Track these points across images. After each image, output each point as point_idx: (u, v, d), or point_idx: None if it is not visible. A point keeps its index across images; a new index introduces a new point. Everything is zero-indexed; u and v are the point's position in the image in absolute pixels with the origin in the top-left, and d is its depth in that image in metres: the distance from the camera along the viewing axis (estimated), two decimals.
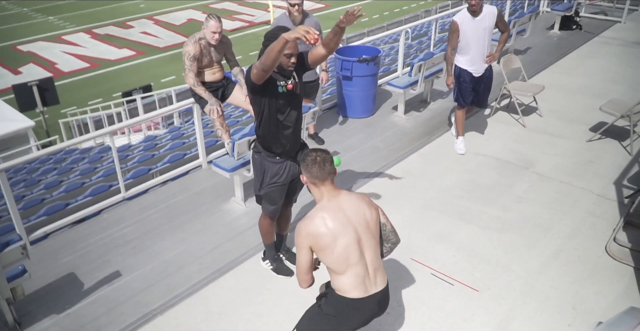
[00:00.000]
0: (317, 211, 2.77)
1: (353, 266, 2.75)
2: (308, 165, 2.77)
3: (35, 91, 12.49)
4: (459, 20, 5.47)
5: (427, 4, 28.01)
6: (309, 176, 2.79)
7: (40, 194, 7.15)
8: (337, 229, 2.70)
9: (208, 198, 5.28)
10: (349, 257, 2.73)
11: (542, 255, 4.30)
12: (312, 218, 2.74)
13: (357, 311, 2.85)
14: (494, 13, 5.49)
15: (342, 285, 2.80)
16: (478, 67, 5.63)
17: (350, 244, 2.72)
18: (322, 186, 2.80)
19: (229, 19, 25.53)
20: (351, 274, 2.76)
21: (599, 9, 11.63)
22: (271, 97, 3.46)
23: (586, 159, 5.73)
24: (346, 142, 6.29)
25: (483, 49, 5.55)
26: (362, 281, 2.78)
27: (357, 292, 2.78)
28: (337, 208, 2.76)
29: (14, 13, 29.20)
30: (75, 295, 4.06)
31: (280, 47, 3.02)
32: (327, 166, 2.77)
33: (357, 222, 2.77)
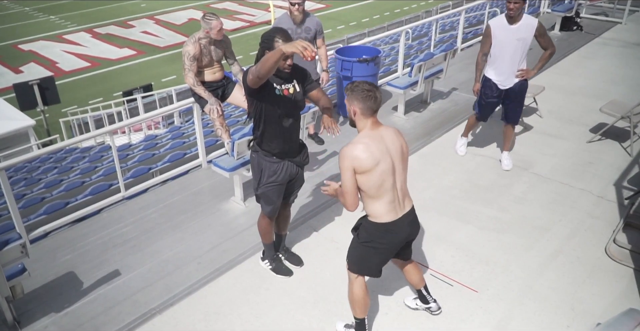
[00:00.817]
0: (361, 137, 3.01)
1: (387, 192, 3.04)
2: (364, 98, 2.96)
3: (36, 90, 12.53)
4: (493, 25, 5.10)
5: (427, 4, 28.01)
6: (362, 107, 2.98)
7: (41, 193, 7.17)
8: (378, 155, 2.96)
9: (207, 198, 5.28)
10: (385, 182, 3.01)
11: (541, 256, 4.31)
12: (357, 143, 2.98)
13: (391, 233, 3.16)
14: (533, 25, 4.99)
15: (375, 210, 3.10)
16: (506, 79, 5.19)
17: (386, 170, 3.00)
18: (370, 117, 3.02)
19: (229, 19, 25.56)
20: (384, 200, 3.06)
21: (600, 10, 11.64)
22: (267, 99, 3.47)
23: (586, 160, 5.73)
24: (346, 142, 6.23)
25: (514, 62, 5.09)
26: (393, 207, 3.10)
27: (388, 216, 3.10)
28: (378, 136, 3.03)
29: (16, 12, 29.23)
30: (74, 294, 4.07)
31: (276, 59, 3.04)
32: (379, 99, 3.00)
33: (393, 151, 3.05)
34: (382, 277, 3.48)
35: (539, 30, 5.00)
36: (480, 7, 14.88)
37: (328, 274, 4.17)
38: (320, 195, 5.20)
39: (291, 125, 3.63)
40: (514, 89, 5.22)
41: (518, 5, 4.86)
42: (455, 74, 8.15)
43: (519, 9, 4.89)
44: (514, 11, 4.89)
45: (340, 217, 4.88)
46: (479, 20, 14.82)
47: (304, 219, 4.85)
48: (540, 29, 5.00)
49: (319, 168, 5.70)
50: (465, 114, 6.91)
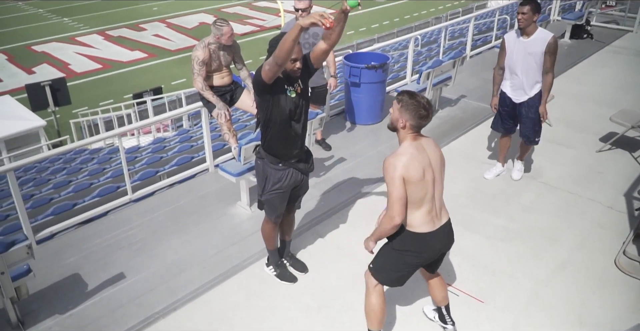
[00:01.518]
0: (406, 147, 2.99)
1: (427, 202, 3.03)
2: (420, 116, 2.94)
3: (48, 91, 12.65)
4: (508, 38, 5.02)
5: (437, 11, 28.01)
6: (414, 124, 2.96)
7: (49, 194, 7.21)
8: (424, 165, 2.98)
9: (213, 202, 5.28)
10: (427, 192, 3.01)
11: (549, 266, 4.26)
12: (403, 154, 2.96)
13: (427, 244, 3.12)
14: (545, 40, 4.78)
15: (413, 219, 3.05)
16: (518, 94, 5.07)
17: (430, 180, 3.01)
18: (413, 131, 3.01)
19: (240, 23, 25.69)
20: (423, 210, 3.03)
21: (611, 18, 11.58)
22: (278, 101, 3.44)
23: (595, 169, 5.68)
24: (353, 148, 6.28)
25: (525, 77, 4.96)
26: (431, 218, 3.07)
27: (426, 227, 3.07)
28: (420, 147, 3.03)
29: (30, 14, 29.57)
30: (78, 296, 4.07)
31: (295, 36, 2.98)
32: (431, 118, 3.02)
33: (434, 162, 3.06)
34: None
35: (549, 46, 4.79)
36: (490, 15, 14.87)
37: (333, 281, 4.15)
38: (326, 201, 5.19)
39: (299, 128, 3.60)
40: (527, 104, 5.07)
41: (526, 16, 4.73)
42: (464, 82, 8.12)
43: (528, 20, 4.76)
44: (522, 22, 4.78)
45: (345, 224, 4.86)
46: (489, 27, 14.80)
47: (309, 226, 4.83)
48: (550, 46, 4.78)
49: (326, 174, 5.68)
50: (473, 121, 6.90)
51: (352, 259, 4.37)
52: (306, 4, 5.39)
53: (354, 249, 4.48)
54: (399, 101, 2.98)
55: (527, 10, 4.72)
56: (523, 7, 4.74)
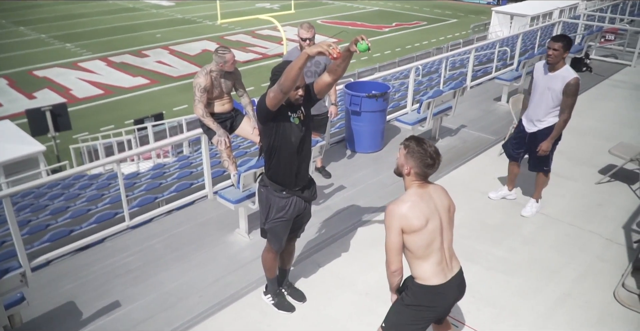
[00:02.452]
0: (410, 195, 2.90)
1: (435, 252, 2.91)
2: (426, 165, 2.86)
3: (48, 116, 12.67)
4: (537, 66, 5.01)
5: (438, 41, 28.39)
6: (419, 172, 2.88)
7: (46, 220, 7.16)
8: (428, 213, 2.86)
9: (212, 229, 5.25)
10: (433, 243, 2.89)
11: (549, 299, 4.21)
12: (406, 201, 2.86)
13: (439, 296, 2.99)
14: (565, 79, 4.72)
15: (422, 272, 2.94)
16: (528, 123, 5.13)
17: (435, 230, 2.88)
18: (419, 178, 2.92)
19: (242, 51, 26.00)
20: (432, 261, 2.91)
21: (609, 52, 11.73)
22: (282, 128, 3.45)
23: (595, 201, 5.67)
24: (353, 176, 6.28)
25: (536, 108, 4.98)
26: (441, 269, 2.94)
27: (437, 279, 2.94)
28: (427, 194, 2.92)
29: (32, 39, 29.90)
30: (73, 325, 4.01)
31: (302, 64, 3.01)
32: (437, 167, 2.92)
33: (442, 210, 2.94)
34: None
35: (567, 87, 4.73)
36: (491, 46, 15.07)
37: (332, 312, 4.09)
38: (326, 230, 5.16)
39: (303, 155, 3.60)
40: (535, 135, 5.08)
41: (557, 53, 4.69)
42: (465, 112, 8.18)
43: (558, 57, 4.71)
44: (552, 58, 4.73)
45: (346, 253, 4.82)
46: (489, 58, 14.99)
47: (308, 254, 4.79)
48: (569, 86, 4.72)
49: (325, 202, 5.67)
50: (474, 151, 6.91)
51: (351, 289, 4.32)
52: (311, 34, 5.46)
53: (353, 279, 4.44)
54: (405, 146, 2.91)
55: (559, 47, 4.70)
56: (555, 43, 4.71)
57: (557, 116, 4.96)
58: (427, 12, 38.58)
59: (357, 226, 5.22)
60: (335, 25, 32.70)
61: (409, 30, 32.37)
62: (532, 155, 5.25)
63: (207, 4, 38.61)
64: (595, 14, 17.37)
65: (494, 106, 8.67)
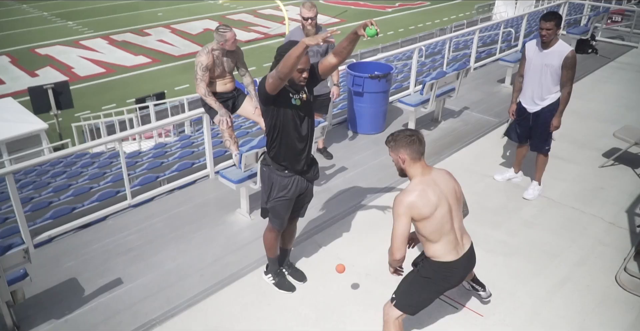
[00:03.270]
0: (416, 184, 3.04)
1: (446, 234, 3.10)
2: (408, 143, 3.02)
3: (50, 94, 12.65)
4: (528, 46, 5.03)
5: (442, 22, 28.10)
6: (410, 153, 3.02)
7: (48, 197, 7.18)
8: (435, 200, 3.01)
9: (213, 209, 5.26)
10: (444, 226, 3.07)
11: (549, 282, 4.22)
12: (413, 191, 3.01)
13: (453, 271, 3.22)
14: (562, 53, 4.78)
15: (435, 251, 3.15)
16: (529, 103, 5.12)
17: (444, 214, 3.05)
18: (418, 162, 3.06)
19: (244, 30, 25.78)
20: (444, 242, 3.12)
21: (616, 34, 11.59)
22: (284, 109, 3.44)
23: (597, 185, 5.65)
24: (354, 158, 6.26)
25: (537, 87, 4.98)
26: (453, 247, 3.16)
27: (450, 256, 3.16)
28: (432, 181, 3.06)
29: (34, 16, 29.68)
30: (75, 301, 4.04)
31: (299, 53, 3.02)
32: (424, 142, 3.08)
33: (448, 194, 3.10)
34: None
35: (566, 60, 4.78)
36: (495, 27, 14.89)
37: (332, 292, 4.12)
38: (327, 211, 5.16)
39: (305, 136, 3.59)
40: (538, 114, 5.09)
41: (551, 32, 4.74)
42: (467, 94, 8.13)
43: (551, 36, 4.76)
44: (546, 37, 4.77)
45: (347, 234, 4.83)
46: (493, 39, 14.82)
47: (309, 235, 4.80)
48: (568, 59, 4.77)
49: (326, 183, 5.66)
50: (476, 134, 6.88)
51: (351, 270, 4.33)
52: (313, 13, 5.40)
53: (353, 260, 4.46)
54: (388, 145, 3.10)
55: (552, 25, 4.73)
56: (547, 23, 4.73)
57: (557, 92, 4.97)
58: None
59: (357, 207, 5.23)
60: (337, 4, 32.34)
61: (412, 10, 32.02)
62: (535, 135, 5.23)
63: None
64: None
65: (497, 88, 8.61)
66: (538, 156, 5.34)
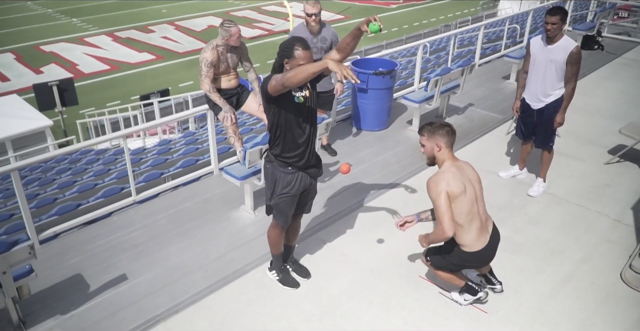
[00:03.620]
0: (448, 166, 3.40)
1: (475, 219, 3.41)
2: (446, 133, 3.40)
3: (55, 91, 12.67)
4: (533, 42, 5.02)
5: (447, 18, 28.01)
6: (446, 141, 3.40)
7: (53, 194, 7.21)
8: (465, 182, 3.36)
9: (217, 205, 5.26)
10: (472, 208, 3.38)
11: (553, 279, 4.21)
12: (445, 172, 3.37)
13: (483, 257, 3.61)
14: (567, 49, 4.75)
15: (466, 240, 3.46)
16: (533, 100, 5.10)
17: (472, 197, 3.39)
18: (449, 151, 3.43)
19: (248, 27, 25.75)
20: (474, 228, 3.42)
21: (622, 30, 11.53)
22: (286, 107, 3.43)
23: (603, 182, 5.63)
24: (358, 154, 6.26)
25: (542, 83, 4.97)
26: (482, 233, 3.48)
27: (480, 244, 3.49)
28: (459, 167, 3.43)
29: (39, 14, 29.71)
30: (80, 297, 4.06)
31: (317, 71, 2.97)
32: (455, 131, 3.47)
33: (473, 181, 3.46)
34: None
35: (571, 56, 4.75)
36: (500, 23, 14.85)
37: (335, 288, 4.12)
38: (331, 207, 5.16)
39: (308, 132, 3.58)
40: (542, 110, 5.07)
41: (556, 26, 4.72)
42: (472, 90, 8.10)
43: (556, 30, 4.74)
44: (551, 31, 4.76)
45: (350, 230, 4.83)
46: (498, 36, 14.77)
47: (313, 231, 4.80)
48: (573, 55, 4.75)
49: (331, 180, 5.66)
50: (481, 130, 6.86)
51: (355, 267, 4.34)
52: (317, 9, 5.39)
53: (357, 257, 4.46)
54: (422, 134, 3.44)
55: (557, 20, 4.71)
56: (552, 17, 4.72)
57: (561, 88, 4.94)
58: None
59: (361, 204, 5.22)
60: (341, 1, 32.25)
61: (416, 6, 31.89)
62: (539, 131, 5.21)
63: None
64: None
65: (502, 85, 8.57)
66: (543, 152, 5.32)
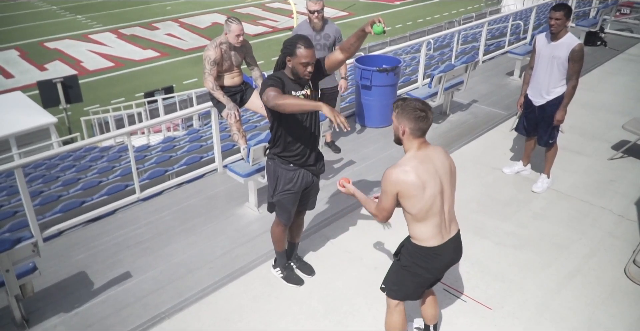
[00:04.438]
0: (408, 159, 2.86)
1: (434, 215, 2.89)
2: (415, 117, 2.81)
3: (60, 88, 12.69)
4: (538, 38, 5.02)
5: (450, 15, 27.92)
6: (413, 127, 2.83)
7: (58, 191, 7.23)
8: (426, 177, 2.82)
9: (222, 202, 5.27)
10: (432, 206, 2.86)
11: (559, 274, 4.21)
12: (404, 166, 2.83)
13: (435, 258, 3.01)
14: (570, 46, 4.75)
15: (420, 233, 2.95)
16: (536, 96, 5.09)
17: (435, 194, 2.85)
18: (414, 138, 2.88)
19: (252, 24, 25.74)
20: (431, 223, 2.91)
21: (625, 26, 11.47)
22: None
23: (607, 177, 5.61)
24: (363, 151, 6.25)
25: (544, 80, 4.96)
26: (439, 231, 2.95)
27: (434, 240, 2.95)
28: (426, 158, 2.87)
29: (44, 10, 29.77)
30: (84, 294, 4.07)
31: (309, 110, 3.15)
32: (431, 119, 2.86)
33: (442, 172, 2.91)
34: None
35: (573, 53, 4.74)
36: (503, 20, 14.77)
37: (340, 285, 4.12)
38: (335, 204, 5.16)
39: (309, 129, 3.58)
40: (544, 107, 5.06)
41: (560, 22, 4.71)
42: (476, 86, 8.08)
43: (560, 26, 4.73)
44: (555, 27, 4.75)
45: (354, 227, 4.83)
46: (502, 32, 14.71)
47: (317, 228, 4.81)
48: (575, 52, 4.74)
49: (335, 177, 5.66)
50: (485, 126, 6.85)
51: (359, 263, 4.34)
52: (319, 6, 5.38)
53: (361, 253, 4.46)
54: (394, 107, 2.90)
55: (561, 15, 4.70)
56: (556, 13, 4.71)
57: (564, 85, 4.93)
58: None
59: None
60: None
61: (420, 3, 31.80)
62: (541, 128, 5.19)
63: None
64: None
65: (506, 81, 8.55)
66: (546, 149, 5.31)
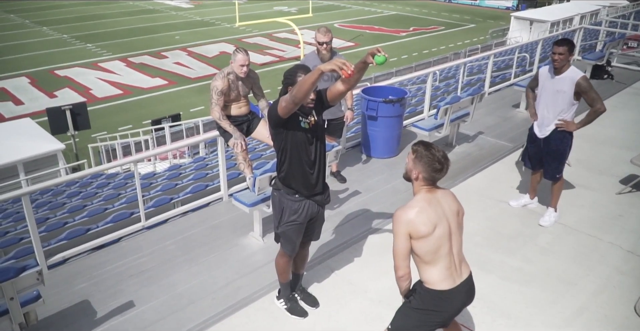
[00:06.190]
0: (418, 201, 2.90)
1: (443, 258, 2.90)
2: (433, 169, 2.85)
3: (68, 115, 12.83)
4: (542, 71, 5.05)
5: (456, 46, 28.24)
6: (427, 176, 2.87)
7: (63, 218, 7.23)
8: (435, 219, 2.85)
9: (226, 232, 5.26)
10: (441, 248, 2.88)
11: (565, 312, 4.14)
12: (414, 207, 2.86)
13: (447, 301, 2.98)
14: (574, 79, 4.74)
15: (430, 277, 2.94)
16: (541, 129, 5.10)
17: (443, 235, 2.88)
18: (425, 184, 2.91)
19: (260, 54, 26.10)
20: (440, 266, 2.91)
21: (632, 60, 11.56)
22: (293, 132, 3.45)
23: (615, 212, 5.57)
24: (368, 182, 6.25)
25: (549, 113, 4.97)
26: (450, 274, 2.94)
27: (445, 284, 2.93)
28: (435, 200, 2.91)
29: (54, 39, 30.33)
30: (87, 324, 4.03)
31: (314, 79, 3.03)
32: (446, 172, 2.89)
33: (450, 215, 2.94)
34: None
35: (579, 86, 4.74)
36: (509, 52, 14.94)
37: (343, 318, 4.07)
38: (340, 235, 5.14)
39: (315, 160, 3.59)
40: (548, 139, 5.06)
41: (562, 57, 4.73)
42: (482, 118, 8.12)
43: (563, 61, 4.75)
44: (557, 62, 4.77)
45: (359, 258, 4.79)
46: (508, 64, 14.86)
47: (321, 259, 4.77)
48: (581, 85, 4.73)
49: (340, 207, 5.65)
50: (490, 159, 6.85)
51: (363, 296, 4.29)
52: (328, 38, 5.46)
53: (365, 286, 4.41)
54: (414, 151, 2.91)
55: (564, 50, 4.73)
56: (559, 48, 4.74)
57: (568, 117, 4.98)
58: (445, 17, 38.44)
59: (370, 232, 5.20)
60: (352, 29, 32.69)
61: (426, 35, 32.26)
62: (547, 162, 5.19)
63: (226, 7, 38.94)
64: (618, 20, 17.17)
65: (511, 113, 8.59)
66: (552, 183, 5.29)
